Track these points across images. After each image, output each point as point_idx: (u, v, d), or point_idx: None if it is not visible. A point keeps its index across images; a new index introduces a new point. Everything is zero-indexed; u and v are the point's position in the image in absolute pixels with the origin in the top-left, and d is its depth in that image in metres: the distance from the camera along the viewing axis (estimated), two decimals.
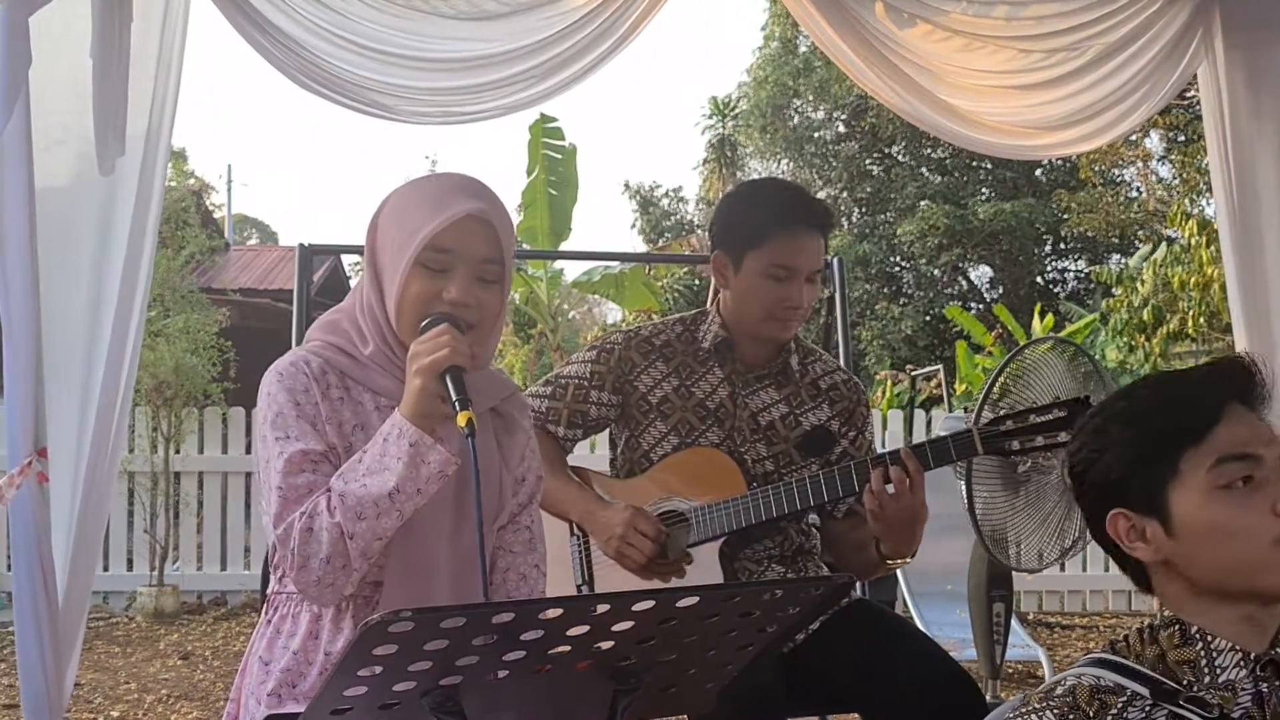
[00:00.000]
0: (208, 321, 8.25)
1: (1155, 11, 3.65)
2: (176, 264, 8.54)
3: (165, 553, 7.49)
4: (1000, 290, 21.91)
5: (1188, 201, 13.79)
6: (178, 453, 7.66)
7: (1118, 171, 19.69)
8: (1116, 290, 12.49)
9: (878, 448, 2.77)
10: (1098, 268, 14.42)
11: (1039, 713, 1.44)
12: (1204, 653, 1.46)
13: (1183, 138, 16.10)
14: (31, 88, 2.70)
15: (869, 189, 22.25)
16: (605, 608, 1.35)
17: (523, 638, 1.33)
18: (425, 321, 1.85)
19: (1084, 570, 7.75)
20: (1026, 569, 3.37)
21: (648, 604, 1.35)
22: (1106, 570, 7.79)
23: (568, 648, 1.38)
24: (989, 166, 21.36)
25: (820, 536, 2.79)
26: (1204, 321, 11.46)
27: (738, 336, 2.70)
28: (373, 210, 1.97)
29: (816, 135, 22.87)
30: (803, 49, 22.06)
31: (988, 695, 3.72)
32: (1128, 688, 1.44)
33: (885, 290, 21.45)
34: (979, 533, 3.25)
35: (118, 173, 2.97)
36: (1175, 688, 1.43)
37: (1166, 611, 1.52)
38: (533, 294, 14.74)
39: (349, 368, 1.93)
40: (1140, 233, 17.36)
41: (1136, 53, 3.68)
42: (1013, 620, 3.88)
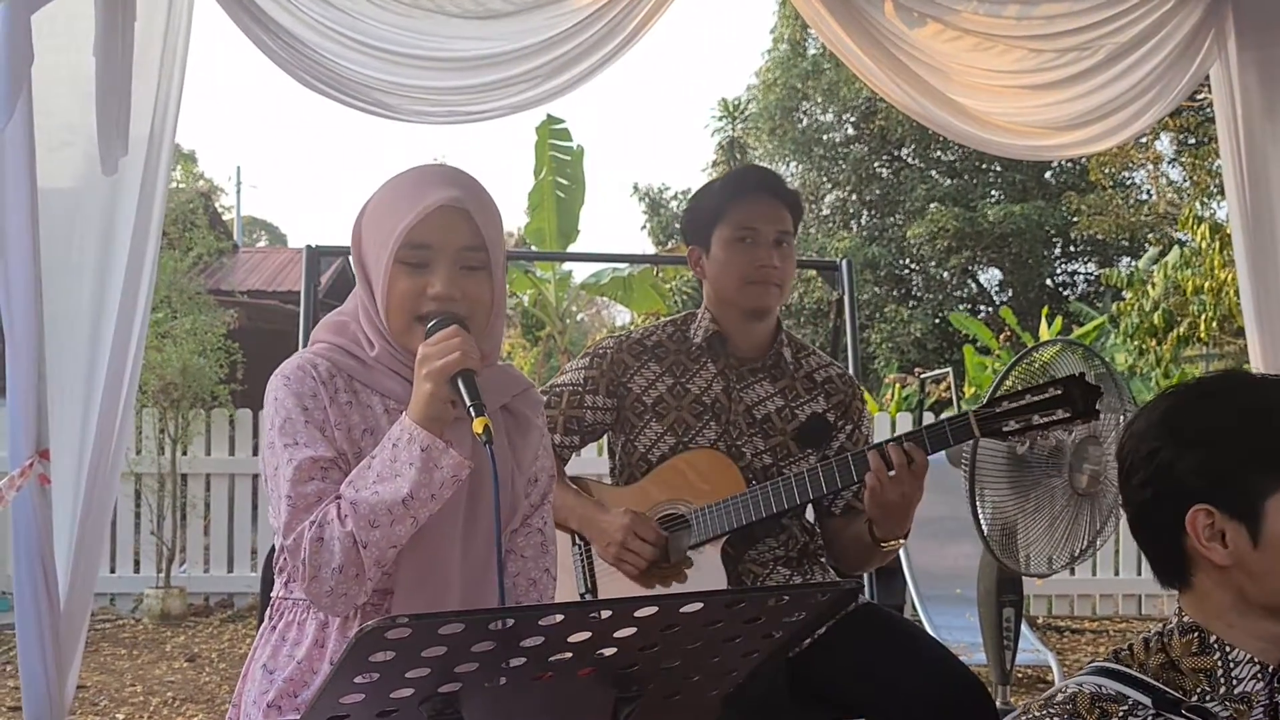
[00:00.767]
0: (215, 323, 8.25)
1: (1167, 11, 3.63)
2: (184, 265, 8.54)
3: (172, 554, 7.49)
4: (1010, 293, 21.87)
5: (1199, 204, 13.75)
6: (185, 454, 7.66)
7: (1128, 174, 19.65)
8: (1126, 293, 12.46)
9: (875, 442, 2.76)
10: (1107, 270, 14.39)
11: None
12: (1221, 662, 1.43)
13: (1193, 140, 16.06)
14: (36, 88, 2.69)
15: (878, 191, 22.22)
16: (607, 614, 1.33)
17: (523, 644, 1.30)
18: (432, 323, 1.81)
19: (1094, 574, 7.71)
20: (1036, 574, 3.34)
21: (651, 610, 1.33)
22: (1117, 574, 7.76)
23: (569, 654, 1.35)
24: (998, 169, 21.33)
25: (822, 535, 2.77)
26: (1216, 325, 11.43)
27: (727, 326, 2.71)
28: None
29: (825, 138, 22.85)
30: (811, 51, 22.06)
31: (997, 701, 3.69)
32: (1129, 696, 1.41)
33: (894, 293, 21.42)
34: (984, 539, 3.22)
35: (121, 173, 2.96)
36: (1178, 697, 1.41)
37: (1186, 617, 1.48)
38: (541, 296, 14.74)
39: (357, 370, 1.89)
40: (1150, 235, 17.32)
41: (1149, 53, 3.65)
42: (1022, 625, 3.84)
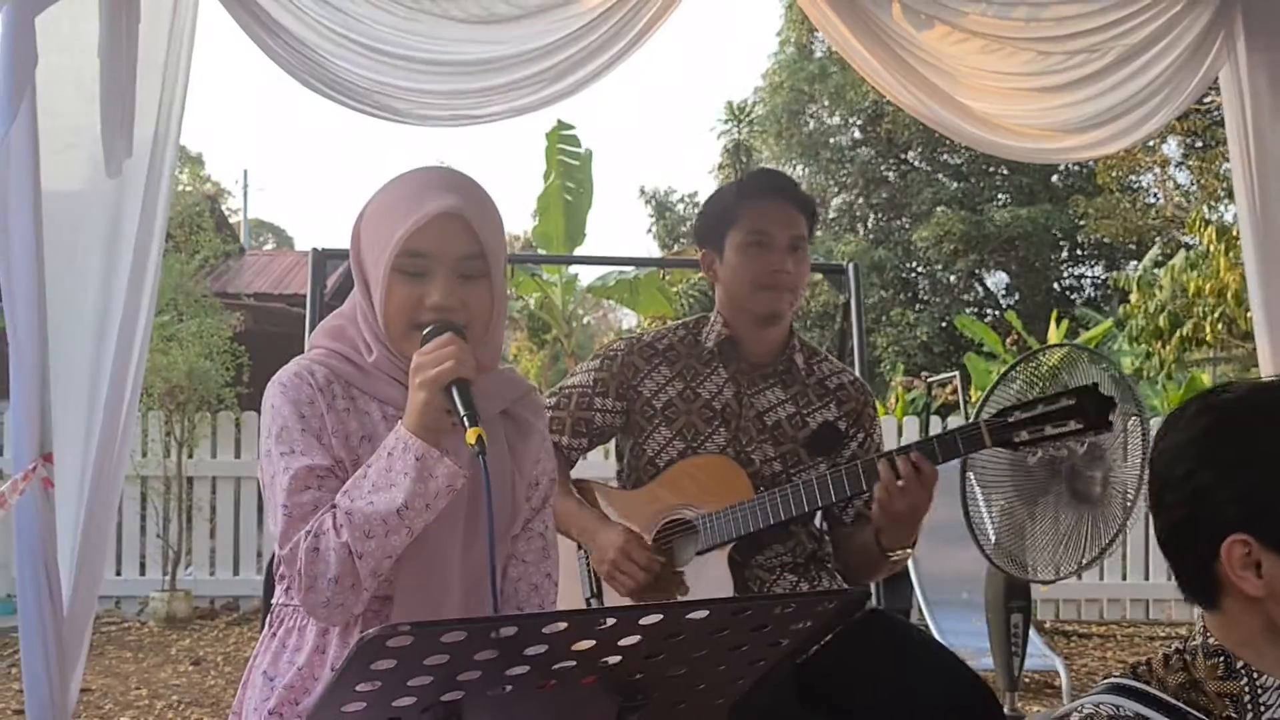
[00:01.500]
0: (221, 326, 8.25)
1: (1177, 14, 3.61)
2: (191, 268, 8.55)
3: (178, 557, 7.49)
4: (1016, 296, 21.86)
5: (1206, 208, 13.74)
6: (190, 457, 7.67)
7: (1135, 177, 19.65)
8: (1133, 296, 12.46)
9: (886, 449, 2.74)
10: (1114, 274, 14.39)
11: None
12: (1249, 688, 1.39)
13: (1200, 143, 16.05)
14: (40, 90, 2.68)
15: (884, 195, 22.23)
16: (612, 622, 1.31)
17: (526, 652, 1.29)
18: (427, 330, 1.79)
19: (1101, 579, 7.69)
20: (1042, 580, 3.33)
21: (656, 618, 1.32)
22: (1124, 579, 7.74)
23: (573, 663, 1.34)
24: (1005, 172, 21.34)
25: (830, 542, 2.75)
26: (1223, 329, 11.42)
27: (739, 331, 2.69)
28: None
29: (832, 141, 22.87)
30: (818, 54, 22.08)
31: (1005, 707, 3.67)
32: (1149, 718, 1.37)
33: (901, 296, 21.42)
34: (979, 546, 3.21)
35: (125, 176, 2.96)
36: (1200, 718, 1.37)
37: (1212, 639, 1.44)
38: (547, 299, 14.75)
39: (354, 377, 1.87)
40: (1158, 239, 17.30)
41: (1158, 55, 3.64)
42: (1030, 630, 3.83)
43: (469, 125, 3.39)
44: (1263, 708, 1.38)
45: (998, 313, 20.62)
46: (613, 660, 1.36)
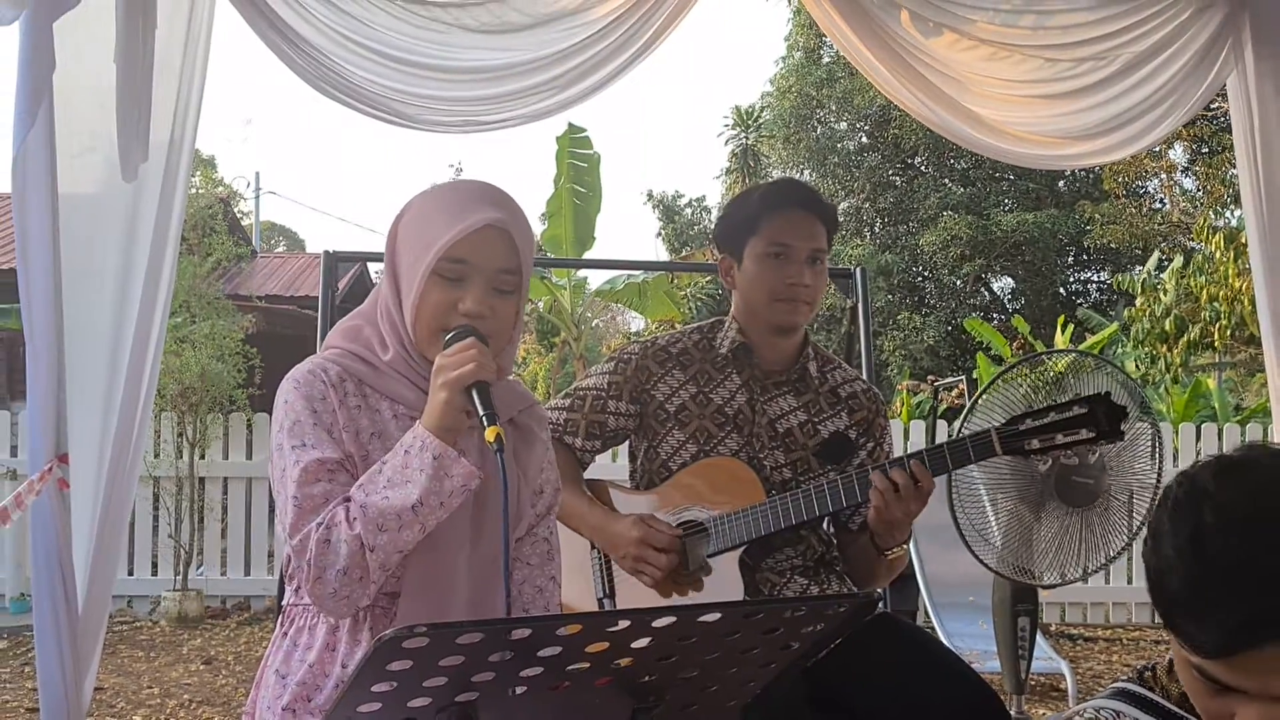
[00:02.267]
0: (233, 328, 8.29)
1: (1184, 21, 3.61)
2: (203, 270, 8.57)
3: (189, 557, 7.52)
4: (1022, 301, 21.83)
5: (1212, 213, 13.73)
6: (202, 458, 7.70)
7: (1141, 183, 19.64)
8: (1138, 300, 12.44)
9: (895, 456, 2.75)
10: (1119, 276, 14.37)
11: None
12: None
13: (1207, 149, 16.02)
14: (57, 95, 2.70)
15: (891, 200, 22.21)
16: (625, 624, 1.33)
17: (540, 654, 1.31)
18: (450, 334, 1.83)
19: (1107, 582, 7.69)
20: (1048, 585, 3.34)
21: (669, 620, 1.33)
22: (1130, 582, 7.73)
23: (586, 664, 1.35)
24: (1011, 177, 21.32)
25: (837, 547, 2.77)
26: (1229, 333, 11.41)
27: (754, 338, 2.70)
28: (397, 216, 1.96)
29: (839, 146, 22.86)
30: (826, 59, 22.08)
31: (1012, 710, 3.68)
32: None
33: (907, 300, 21.41)
34: (970, 548, 3.22)
35: (141, 179, 2.97)
36: None
37: None
38: (556, 302, 14.76)
39: (367, 375, 1.91)
40: (1164, 244, 17.29)
41: (1165, 62, 3.64)
42: (1036, 633, 3.84)
43: (481, 131, 3.41)
44: None
45: (1004, 317, 20.60)
46: (625, 662, 1.38)
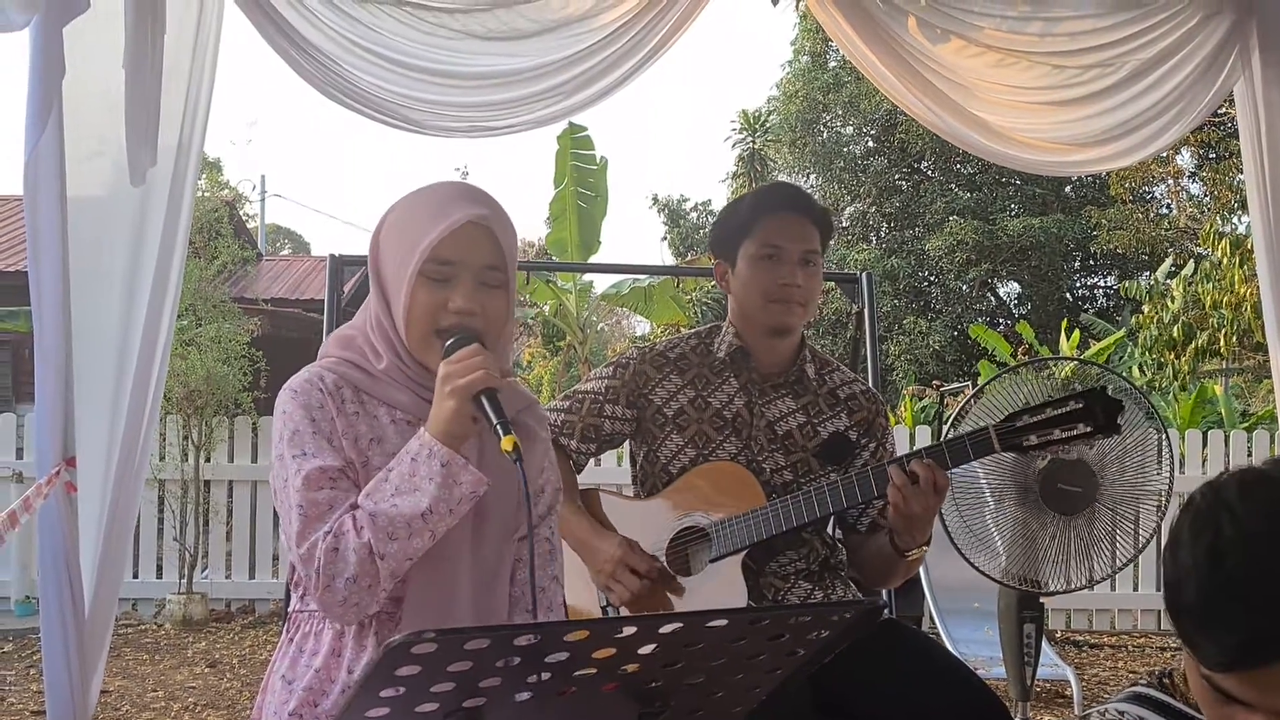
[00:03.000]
0: (239, 331, 8.30)
1: (1191, 28, 3.61)
2: (209, 274, 8.60)
3: (194, 561, 7.53)
4: (1029, 306, 21.82)
5: (1219, 219, 13.71)
6: (208, 461, 7.71)
7: (1148, 189, 19.62)
8: (1145, 307, 12.43)
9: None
10: (1126, 283, 14.35)
11: None
12: None
13: (1214, 155, 16.01)
14: (66, 99, 2.71)
15: (898, 204, 22.22)
16: (631, 630, 1.33)
17: (547, 659, 1.31)
18: (451, 340, 1.83)
19: (1113, 589, 7.67)
20: (1055, 592, 3.34)
21: (675, 626, 1.34)
22: (1136, 589, 7.72)
23: (593, 670, 1.36)
24: (1018, 182, 21.32)
25: (845, 550, 2.77)
26: (1235, 340, 11.39)
27: (751, 341, 2.70)
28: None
29: (846, 150, 22.87)
30: (832, 64, 22.09)
31: (1017, 717, 3.68)
32: None
33: (913, 305, 21.40)
34: (958, 549, 3.23)
35: (149, 183, 2.98)
36: None
37: None
38: (561, 306, 14.78)
39: (364, 382, 1.91)
40: (1171, 250, 17.27)
41: (1172, 69, 3.64)
42: (1042, 639, 3.83)
43: (487, 137, 3.41)
44: None
45: (1009, 322, 20.59)
46: (632, 668, 1.38)
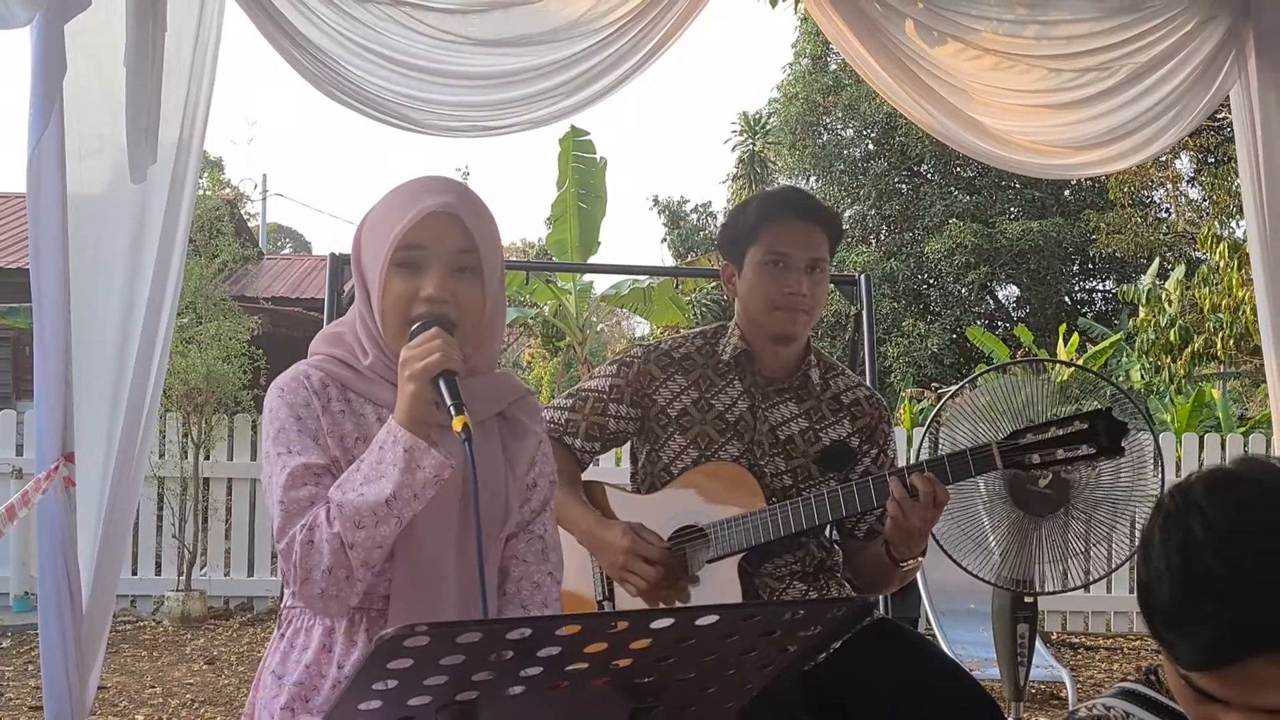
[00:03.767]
0: (239, 329, 8.29)
1: (1188, 32, 3.63)
2: (210, 272, 8.59)
3: (193, 558, 7.53)
4: (1027, 309, 21.82)
5: (1217, 223, 13.72)
6: (207, 459, 7.71)
7: (1147, 192, 19.64)
8: (1141, 310, 12.43)
9: (900, 464, 2.75)
10: (1124, 287, 14.36)
11: None
12: None
13: (1212, 159, 16.02)
14: (67, 97, 2.72)
15: (897, 207, 22.21)
16: (624, 625, 1.34)
17: (539, 654, 1.31)
18: (414, 326, 1.84)
19: (1108, 591, 7.69)
20: (1048, 592, 3.35)
21: (667, 622, 1.34)
22: (1131, 591, 7.73)
23: (585, 665, 1.36)
24: (1017, 186, 21.32)
25: (842, 554, 2.78)
26: (1232, 344, 11.40)
27: (756, 345, 2.71)
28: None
29: (845, 153, 22.86)
30: (833, 66, 22.09)
31: (1011, 717, 3.70)
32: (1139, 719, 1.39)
33: (912, 308, 21.39)
34: (946, 552, 3.24)
35: (149, 181, 2.99)
36: None
37: None
38: (561, 307, 14.78)
39: (350, 380, 1.92)
40: (1169, 254, 17.28)
41: (1169, 73, 3.66)
42: (1036, 641, 3.85)
43: (487, 137, 3.42)
44: None
45: (1008, 325, 20.59)
46: (624, 663, 1.39)
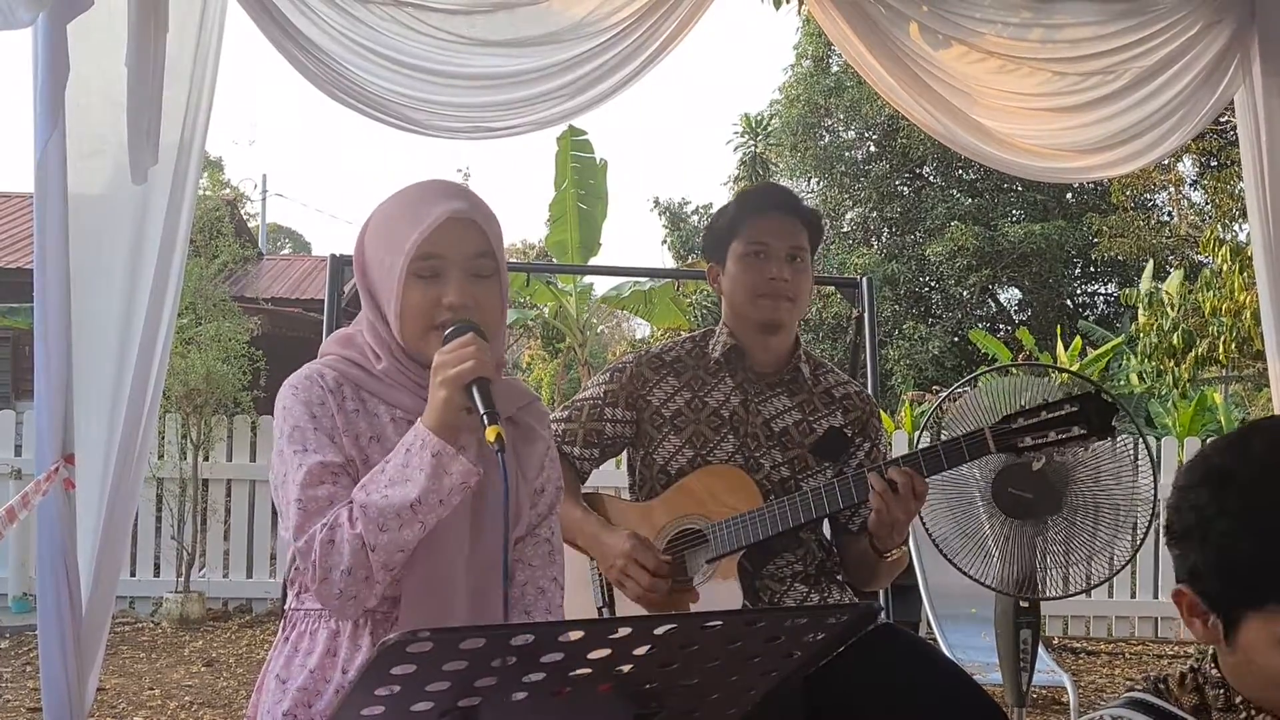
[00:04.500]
0: (239, 330, 8.30)
1: (1193, 36, 3.62)
2: (210, 272, 8.60)
3: (192, 559, 7.53)
4: (1029, 313, 21.81)
5: (1220, 227, 13.71)
6: (206, 460, 7.71)
7: (1149, 196, 19.64)
8: (1140, 315, 12.42)
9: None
10: (1126, 291, 14.36)
11: None
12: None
13: (1215, 163, 16.02)
14: (68, 97, 2.72)
15: (899, 209, 22.20)
16: (627, 630, 1.33)
17: (542, 660, 1.31)
18: (448, 330, 1.83)
19: (1110, 596, 7.69)
20: (1051, 597, 3.34)
21: (670, 627, 1.34)
22: (1133, 596, 7.73)
23: (588, 670, 1.35)
24: (1019, 188, 21.30)
25: (837, 549, 2.78)
26: (1235, 348, 11.39)
27: (744, 340, 2.73)
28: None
29: (847, 155, 22.85)
30: (835, 68, 22.09)
31: None
32: None
33: (913, 310, 21.38)
34: (941, 552, 3.23)
35: (150, 181, 2.99)
36: None
37: (1215, 671, 1.43)
38: (561, 308, 14.78)
39: (364, 381, 1.92)
40: (1171, 258, 17.28)
41: (1173, 77, 3.65)
42: (1039, 646, 3.83)
43: (489, 138, 3.42)
44: None
45: (1010, 328, 20.59)
46: (626, 669, 1.38)
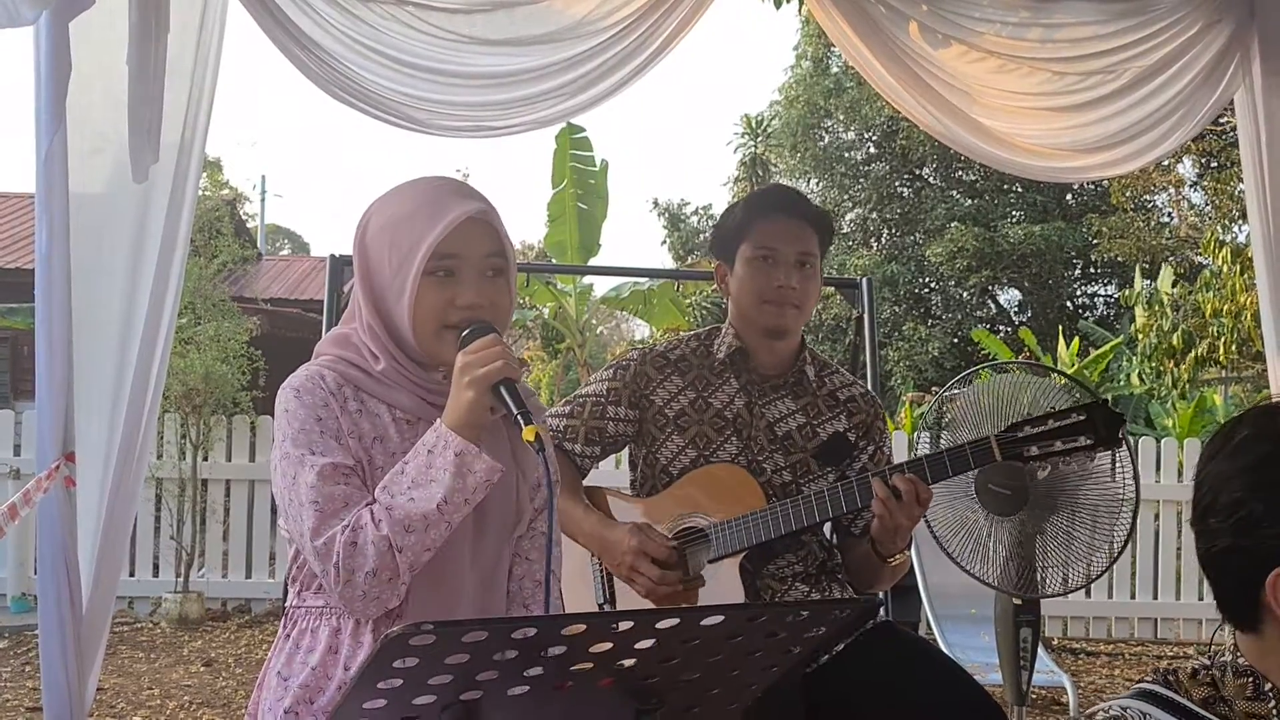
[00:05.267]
0: (238, 330, 8.30)
1: (1193, 35, 3.63)
2: (209, 272, 8.59)
3: (191, 559, 7.53)
4: (1029, 314, 21.82)
5: (1220, 228, 13.71)
6: (205, 460, 7.70)
7: (1149, 197, 19.64)
8: (1138, 317, 12.43)
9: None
10: (1125, 291, 14.36)
11: None
12: (1276, 711, 1.38)
13: (1215, 164, 16.02)
14: (69, 95, 2.72)
15: (899, 210, 22.21)
16: (628, 625, 1.34)
17: (544, 653, 1.31)
18: (467, 331, 1.83)
19: (1110, 596, 7.69)
20: (1050, 595, 3.34)
21: (672, 622, 1.34)
22: (1133, 597, 7.73)
23: (590, 664, 1.36)
24: (1019, 189, 21.31)
25: (839, 552, 2.78)
26: (1235, 349, 11.39)
27: (750, 342, 2.72)
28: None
29: (847, 155, 22.87)
30: (834, 69, 22.10)
31: None
32: None
33: (913, 311, 21.39)
34: (946, 552, 3.23)
35: (151, 180, 2.99)
36: None
37: (1242, 659, 1.42)
38: (561, 309, 14.78)
39: (364, 382, 1.91)
40: (1171, 259, 17.28)
41: (1173, 76, 3.66)
42: (1039, 646, 3.83)
43: (490, 137, 3.43)
44: None
45: (1010, 329, 20.59)
46: (628, 663, 1.38)
